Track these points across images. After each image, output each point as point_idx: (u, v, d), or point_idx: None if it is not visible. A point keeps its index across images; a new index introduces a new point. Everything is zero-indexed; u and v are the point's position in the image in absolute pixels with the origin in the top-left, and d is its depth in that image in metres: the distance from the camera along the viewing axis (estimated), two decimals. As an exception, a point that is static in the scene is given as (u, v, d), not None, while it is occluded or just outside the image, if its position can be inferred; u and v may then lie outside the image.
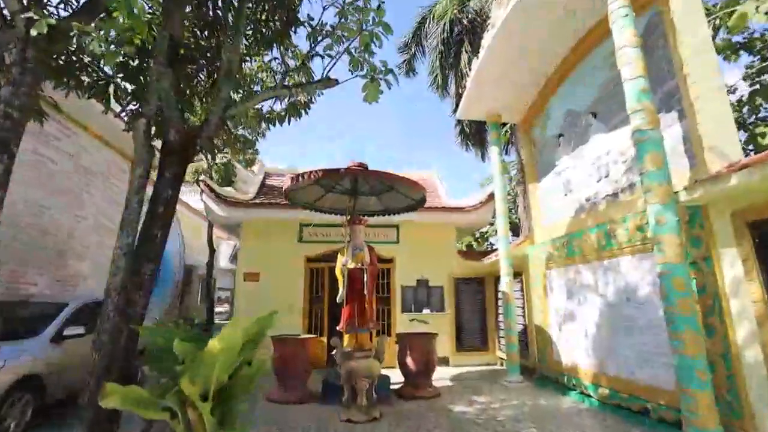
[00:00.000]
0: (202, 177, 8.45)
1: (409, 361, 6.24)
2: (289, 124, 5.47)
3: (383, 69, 3.45)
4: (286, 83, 3.95)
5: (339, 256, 6.31)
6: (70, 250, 8.36)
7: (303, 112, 5.50)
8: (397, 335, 6.85)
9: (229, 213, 8.61)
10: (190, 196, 13.38)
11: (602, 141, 5.87)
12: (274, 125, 5.42)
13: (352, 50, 3.65)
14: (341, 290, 6.05)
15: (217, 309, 19.84)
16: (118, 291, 2.93)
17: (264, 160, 13.11)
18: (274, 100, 5.42)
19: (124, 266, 2.97)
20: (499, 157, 8.09)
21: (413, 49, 11.80)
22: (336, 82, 3.85)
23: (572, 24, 6.03)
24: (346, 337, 6.02)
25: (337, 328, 6.16)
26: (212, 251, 10.79)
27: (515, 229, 12.07)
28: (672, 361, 4.22)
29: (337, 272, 6.22)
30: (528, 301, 7.82)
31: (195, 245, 13.72)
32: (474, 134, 11.92)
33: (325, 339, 8.45)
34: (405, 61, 12.01)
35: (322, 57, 3.89)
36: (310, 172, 5.71)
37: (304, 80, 4.31)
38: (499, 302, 8.91)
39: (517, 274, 7.95)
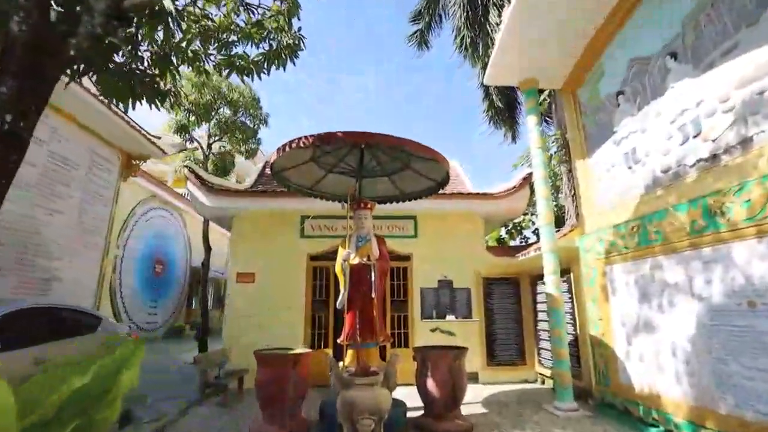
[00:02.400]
0: (186, 162, 7.26)
1: (430, 383, 4.81)
2: (268, 75, 4.17)
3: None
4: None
5: (340, 249, 4.97)
6: (37, 248, 7.36)
7: (289, 59, 4.21)
8: (415, 349, 5.44)
9: (217, 203, 7.41)
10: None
11: (688, 89, 4.35)
12: (250, 77, 4.13)
13: None
14: (342, 292, 4.72)
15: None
16: None
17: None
18: (247, 44, 4.14)
19: None
20: (538, 128, 6.58)
21: (428, 18, 10.28)
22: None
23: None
24: (348, 353, 4.67)
25: (338, 341, 4.82)
26: (208, 250, 9.65)
27: (556, 218, 10.39)
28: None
29: (337, 269, 4.89)
30: (579, 306, 6.27)
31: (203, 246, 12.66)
32: (503, 110, 10.32)
33: (330, 351, 7.14)
34: (417, 31, 10.48)
35: None
36: (299, 139, 4.42)
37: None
38: (539, 306, 7.39)
39: (563, 272, 6.42)
